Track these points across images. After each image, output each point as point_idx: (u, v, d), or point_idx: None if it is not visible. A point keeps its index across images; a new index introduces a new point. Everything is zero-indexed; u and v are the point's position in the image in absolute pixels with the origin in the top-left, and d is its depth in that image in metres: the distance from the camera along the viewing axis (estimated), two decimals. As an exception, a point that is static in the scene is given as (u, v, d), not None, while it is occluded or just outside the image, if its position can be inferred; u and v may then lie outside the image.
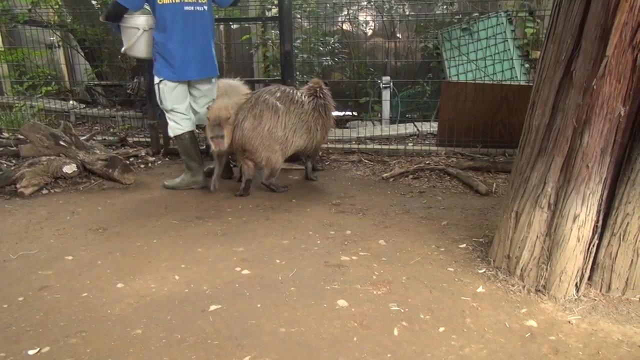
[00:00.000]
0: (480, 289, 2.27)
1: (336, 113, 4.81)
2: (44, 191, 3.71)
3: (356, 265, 2.52)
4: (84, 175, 3.95)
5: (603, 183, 2.09)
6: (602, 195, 2.11)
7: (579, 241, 2.12)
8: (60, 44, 6.97)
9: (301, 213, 3.28)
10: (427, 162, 4.38)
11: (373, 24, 6.83)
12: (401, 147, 4.79)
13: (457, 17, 6.01)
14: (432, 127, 5.42)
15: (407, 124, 5.66)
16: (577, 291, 2.19)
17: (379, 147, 4.89)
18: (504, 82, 4.80)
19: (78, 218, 3.22)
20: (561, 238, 2.13)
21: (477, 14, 5.89)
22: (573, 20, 2.02)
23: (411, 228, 2.99)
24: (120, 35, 3.76)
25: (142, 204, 3.49)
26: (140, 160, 4.63)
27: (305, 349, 1.87)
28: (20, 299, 2.24)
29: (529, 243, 2.24)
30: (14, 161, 4.34)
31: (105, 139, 5.14)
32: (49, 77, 7.14)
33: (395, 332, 1.97)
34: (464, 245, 2.72)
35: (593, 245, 2.16)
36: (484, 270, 2.43)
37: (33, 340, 1.93)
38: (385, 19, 6.57)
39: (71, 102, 6.82)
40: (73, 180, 3.89)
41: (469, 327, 2.00)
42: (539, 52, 4.21)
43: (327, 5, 6.28)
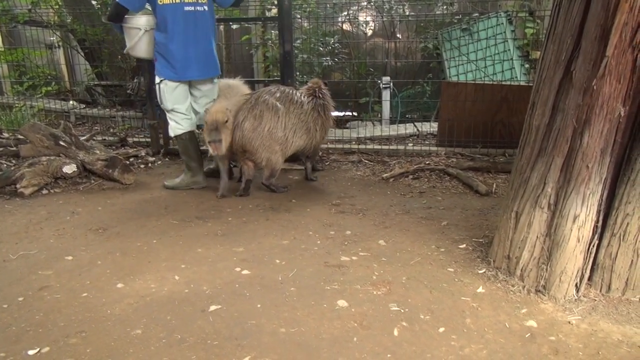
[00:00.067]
0: (480, 289, 2.27)
1: (336, 113, 4.82)
2: (44, 191, 3.71)
3: (356, 266, 2.52)
4: (84, 175, 3.95)
5: (603, 183, 2.09)
6: (602, 195, 2.11)
7: (579, 241, 2.12)
8: (60, 44, 6.96)
9: (301, 213, 3.28)
10: (427, 162, 4.38)
11: (373, 24, 6.83)
12: (401, 147, 4.79)
13: (457, 17, 6.01)
14: (432, 127, 5.42)
15: (407, 124, 5.66)
16: (577, 291, 2.19)
17: (379, 147, 4.89)
18: (504, 83, 4.80)
19: (78, 218, 3.23)
20: (561, 238, 2.13)
21: (477, 14, 5.89)
22: (573, 20, 2.02)
23: (411, 228, 3.00)
24: (122, 36, 3.78)
25: (142, 204, 3.49)
26: (140, 161, 4.63)
27: (305, 349, 1.87)
28: (20, 299, 2.24)
29: (529, 243, 2.24)
30: (14, 161, 4.34)
31: (105, 139, 5.14)
32: (49, 77, 7.14)
33: (395, 333, 1.97)
34: (464, 245, 2.72)
35: (593, 246, 2.16)
36: (484, 270, 2.43)
37: (33, 340, 1.93)
38: (385, 19, 6.57)
39: (71, 102, 6.82)
40: (73, 180, 3.89)
41: (469, 327, 2.00)
42: (539, 53, 4.21)
43: (327, 5, 6.28)
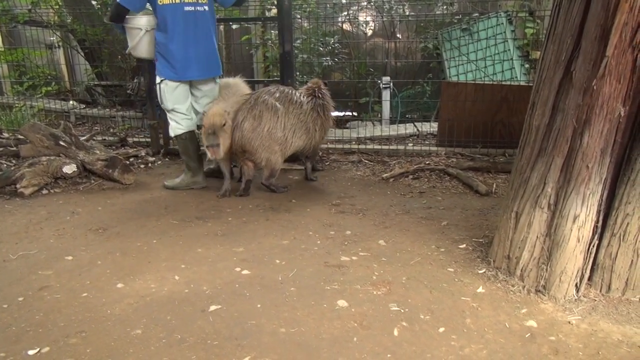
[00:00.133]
0: (480, 289, 2.27)
1: (336, 113, 4.82)
2: (44, 191, 3.71)
3: (356, 266, 2.52)
4: (84, 175, 3.95)
5: (603, 183, 2.09)
6: (602, 195, 2.11)
7: (579, 241, 2.12)
8: (60, 44, 6.96)
9: (301, 213, 3.28)
10: (427, 162, 4.38)
11: (373, 24, 6.83)
12: (401, 147, 4.79)
13: (457, 17, 6.00)
14: (432, 127, 5.42)
15: (407, 124, 5.66)
16: (577, 291, 2.19)
17: (379, 147, 4.89)
18: (504, 83, 4.80)
19: (78, 218, 3.22)
20: (561, 238, 2.13)
21: (477, 14, 5.89)
22: (573, 20, 2.02)
23: (411, 228, 3.00)
24: (123, 36, 3.79)
25: (142, 204, 3.49)
26: (140, 161, 4.63)
27: (305, 349, 1.87)
28: (20, 299, 2.24)
29: (529, 243, 2.24)
30: (14, 161, 4.34)
31: (105, 139, 5.13)
32: (49, 77, 7.14)
33: (395, 333, 1.97)
34: (464, 245, 2.72)
35: (593, 246, 2.16)
36: (484, 270, 2.43)
37: (33, 340, 1.93)
38: (385, 19, 6.57)
39: (71, 102, 6.82)
40: (73, 180, 3.89)
41: (469, 327, 2.00)
42: (539, 53, 4.21)
43: (327, 5, 6.29)
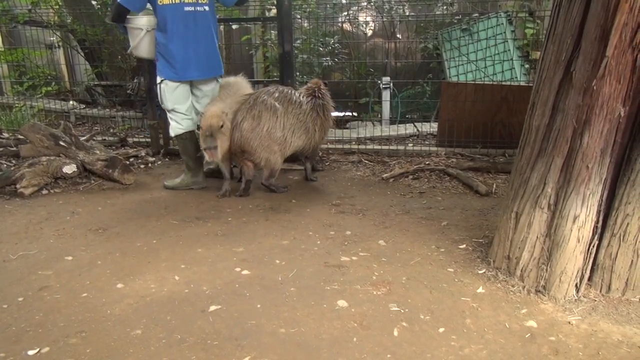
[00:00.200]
0: (480, 290, 2.27)
1: (336, 113, 4.81)
2: (44, 191, 3.71)
3: (356, 266, 2.52)
4: (83, 175, 3.95)
5: (603, 184, 2.09)
6: (602, 195, 2.11)
7: (579, 242, 2.12)
8: (60, 44, 6.97)
9: (301, 213, 3.28)
10: (427, 162, 4.38)
11: (373, 25, 6.83)
12: (401, 147, 4.79)
13: (457, 17, 6.01)
14: (432, 127, 5.42)
15: (407, 125, 5.66)
16: (577, 292, 2.19)
17: (379, 147, 4.89)
18: (504, 83, 4.80)
19: (78, 218, 3.22)
20: (561, 239, 2.13)
21: (477, 14, 5.89)
22: (573, 20, 2.02)
23: (411, 228, 3.00)
24: (126, 36, 3.81)
25: (142, 204, 3.49)
26: (140, 161, 4.63)
27: (305, 349, 1.87)
28: (20, 299, 2.24)
29: (528, 244, 2.24)
30: (14, 161, 4.34)
31: (105, 140, 5.14)
32: (49, 77, 7.14)
33: (395, 333, 1.97)
34: (464, 245, 2.72)
35: (593, 246, 2.16)
36: (484, 270, 2.43)
37: (33, 340, 1.93)
38: (385, 19, 6.57)
39: (71, 102, 6.82)
40: (73, 180, 3.89)
41: (469, 327, 2.00)
42: (539, 53, 4.21)
43: (327, 5, 6.29)
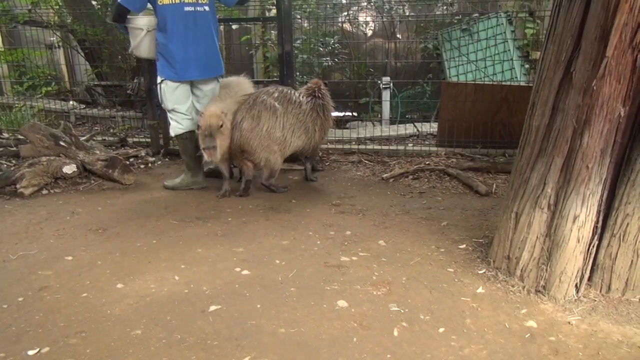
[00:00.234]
0: (480, 290, 2.27)
1: (336, 113, 4.81)
2: (44, 191, 3.71)
3: (356, 266, 2.52)
4: (83, 175, 3.95)
5: (603, 184, 2.09)
6: (602, 195, 2.11)
7: (578, 242, 2.12)
8: (60, 44, 6.96)
9: (301, 213, 3.28)
10: (427, 162, 4.37)
11: (373, 25, 6.83)
12: (401, 147, 4.79)
13: (457, 17, 6.00)
14: (432, 127, 5.42)
15: (407, 125, 5.66)
16: (577, 292, 2.19)
17: (379, 147, 4.89)
18: (504, 83, 4.80)
19: (78, 218, 3.22)
20: (561, 239, 2.13)
21: (477, 14, 5.89)
22: (573, 20, 2.02)
23: (411, 229, 2.99)
24: (127, 36, 3.81)
25: (142, 205, 3.49)
26: (140, 161, 4.63)
27: (305, 349, 1.87)
28: (20, 299, 2.24)
29: (528, 244, 2.24)
30: (14, 161, 4.34)
31: (105, 140, 5.13)
32: (49, 77, 7.13)
33: (395, 333, 1.97)
34: (464, 245, 2.72)
35: (593, 246, 2.16)
36: (484, 270, 2.43)
37: (33, 340, 1.93)
38: (385, 19, 6.57)
39: (71, 102, 6.82)
40: (73, 180, 3.89)
41: (469, 327, 2.00)
42: (539, 53, 4.21)
43: (327, 5, 6.29)
